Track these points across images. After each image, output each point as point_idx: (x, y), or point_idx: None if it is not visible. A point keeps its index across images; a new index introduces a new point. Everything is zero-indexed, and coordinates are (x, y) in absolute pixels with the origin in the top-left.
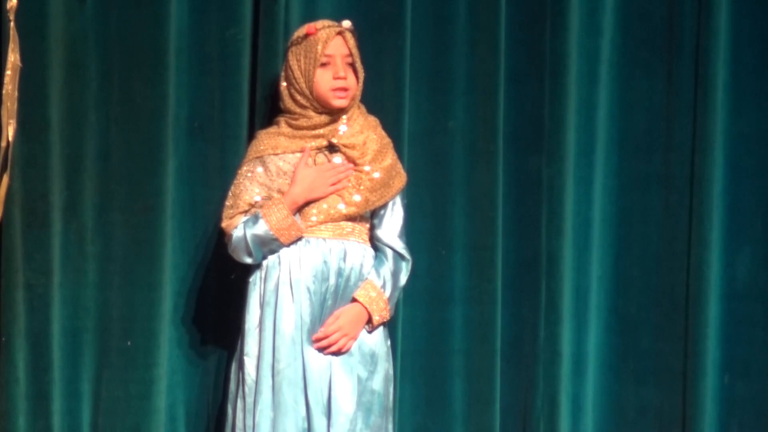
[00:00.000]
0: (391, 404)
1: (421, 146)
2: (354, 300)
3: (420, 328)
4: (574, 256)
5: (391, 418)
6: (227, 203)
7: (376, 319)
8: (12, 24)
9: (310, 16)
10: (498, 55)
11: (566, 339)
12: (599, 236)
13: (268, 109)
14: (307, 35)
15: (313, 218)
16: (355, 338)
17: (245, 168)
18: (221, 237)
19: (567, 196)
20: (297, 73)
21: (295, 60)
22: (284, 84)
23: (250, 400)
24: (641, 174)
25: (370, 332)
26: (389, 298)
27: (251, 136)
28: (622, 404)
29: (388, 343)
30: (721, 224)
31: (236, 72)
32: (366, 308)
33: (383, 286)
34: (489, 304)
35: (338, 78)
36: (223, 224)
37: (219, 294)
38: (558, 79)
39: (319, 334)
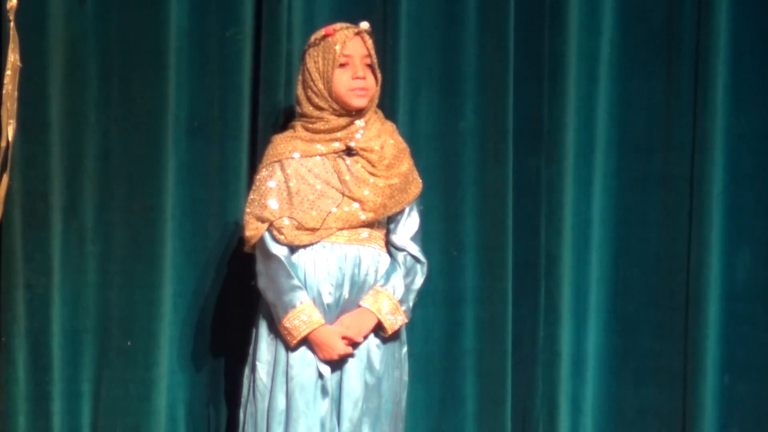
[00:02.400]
0: (402, 411)
1: (432, 147)
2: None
3: (432, 328)
4: (574, 256)
5: (401, 426)
6: (247, 209)
7: (388, 319)
8: (12, 24)
9: (313, 15)
10: (507, 56)
11: (566, 339)
12: (599, 236)
13: (271, 110)
14: (325, 36)
15: (332, 224)
16: (362, 336)
17: (264, 173)
18: (221, 237)
19: (566, 196)
20: (315, 75)
21: (313, 62)
22: (301, 88)
23: (261, 405)
24: (641, 174)
25: (387, 338)
26: (401, 301)
27: (252, 137)
28: (621, 405)
29: (404, 349)
30: (721, 224)
31: (236, 72)
32: (373, 312)
33: (393, 290)
34: (500, 303)
35: (357, 78)
36: (248, 233)
37: (218, 294)
38: (558, 80)
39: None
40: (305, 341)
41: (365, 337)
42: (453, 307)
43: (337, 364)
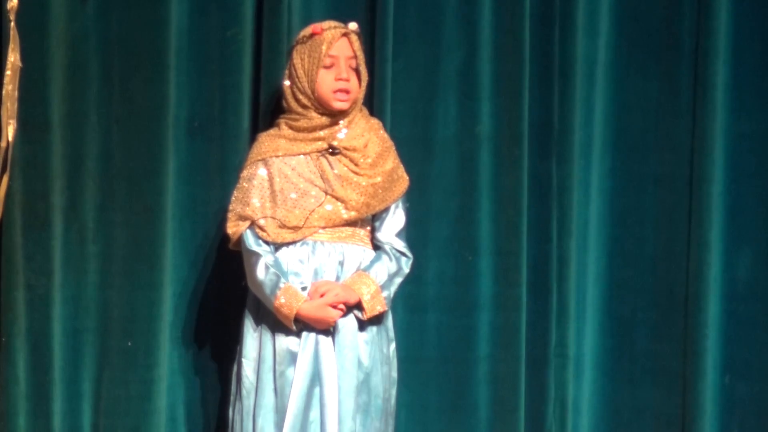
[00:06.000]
0: (392, 408)
1: (449, 151)
2: None
3: (445, 334)
4: (581, 258)
5: (391, 422)
6: (230, 207)
7: (366, 300)
8: (12, 24)
9: (314, 15)
10: (523, 59)
11: (573, 342)
12: (598, 237)
13: (272, 110)
14: (312, 35)
15: (315, 223)
16: (345, 300)
17: (247, 171)
18: (222, 237)
19: (575, 198)
20: (300, 72)
21: (299, 59)
22: (287, 83)
23: (248, 402)
24: (640, 174)
25: (365, 320)
26: (382, 287)
27: (253, 136)
28: (619, 405)
29: (392, 346)
30: (721, 225)
31: (237, 72)
32: (354, 290)
33: (375, 275)
34: (513, 309)
35: (340, 79)
36: (229, 231)
37: (219, 294)
38: (566, 81)
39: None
40: (301, 322)
41: (349, 308)
42: (467, 312)
43: (324, 361)
